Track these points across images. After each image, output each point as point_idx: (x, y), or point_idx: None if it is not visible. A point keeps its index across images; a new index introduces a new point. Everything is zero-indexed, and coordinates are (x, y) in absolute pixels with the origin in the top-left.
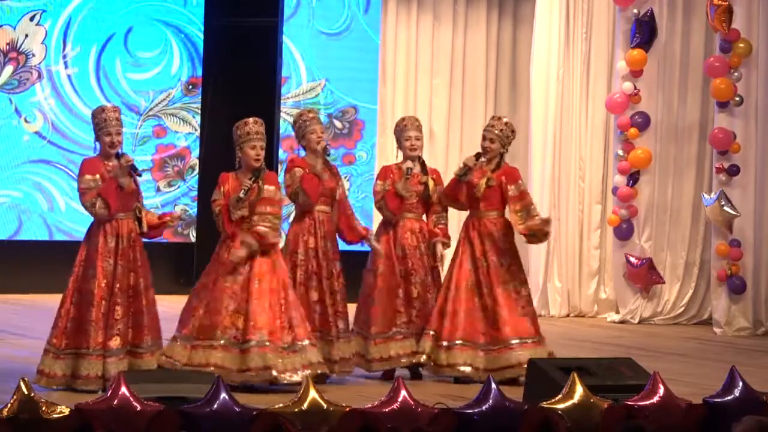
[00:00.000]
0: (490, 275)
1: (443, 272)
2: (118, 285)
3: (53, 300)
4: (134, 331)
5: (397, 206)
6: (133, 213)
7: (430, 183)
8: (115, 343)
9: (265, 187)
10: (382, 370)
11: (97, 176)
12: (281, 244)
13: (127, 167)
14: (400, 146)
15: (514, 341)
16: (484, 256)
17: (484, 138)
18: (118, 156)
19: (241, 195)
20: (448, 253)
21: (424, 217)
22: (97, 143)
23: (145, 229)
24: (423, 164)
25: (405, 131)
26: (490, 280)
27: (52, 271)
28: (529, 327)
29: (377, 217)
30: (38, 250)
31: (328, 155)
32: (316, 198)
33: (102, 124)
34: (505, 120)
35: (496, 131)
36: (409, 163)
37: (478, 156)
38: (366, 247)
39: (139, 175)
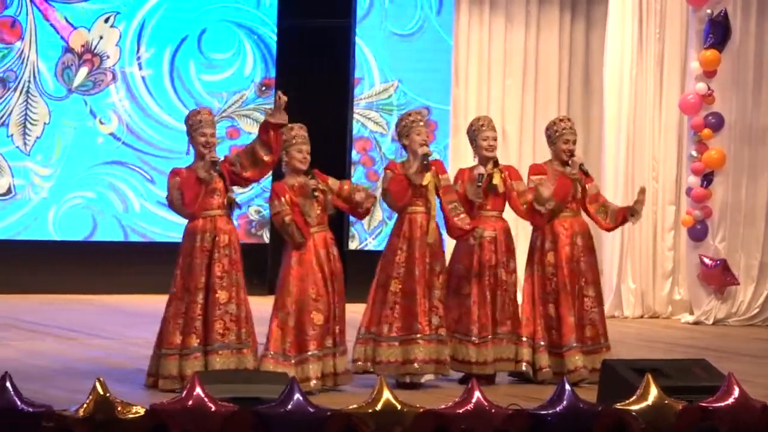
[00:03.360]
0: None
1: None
2: (194, 283)
3: (126, 301)
4: (206, 330)
5: (467, 210)
6: (225, 209)
7: (496, 176)
8: (191, 341)
9: (329, 182)
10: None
11: (177, 178)
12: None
13: (210, 162)
14: (475, 147)
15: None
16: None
17: (568, 141)
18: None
19: (317, 194)
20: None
21: (504, 215)
22: (191, 147)
23: (234, 214)
24: (496, 163)
25: (482, 132)
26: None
27: (126, 273)
28: None
29: None
30: (112, 251)
31: (426, 164)
32: (402, 200)
33: (197, 125)
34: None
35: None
36: (480, 169)
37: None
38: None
39: (218, 173)
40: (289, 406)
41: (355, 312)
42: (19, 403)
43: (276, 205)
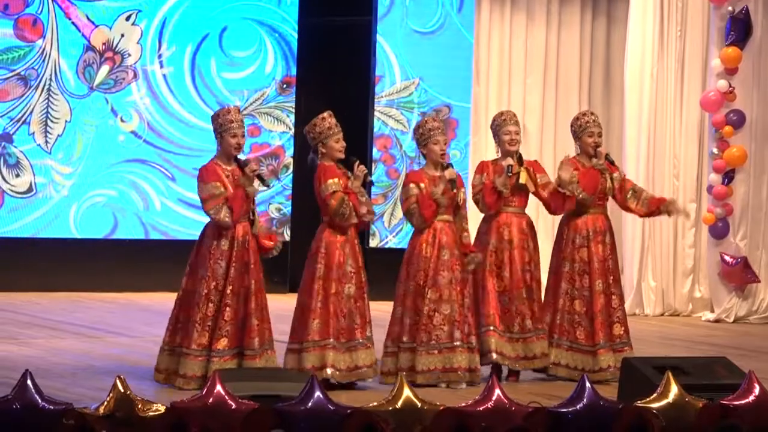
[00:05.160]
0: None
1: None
2: (230, 287)
3: (148, 299)
4: (243, 333)
5: (493, 201)
6: (247, 216)
7: (522, 174)
8: (221, 344)
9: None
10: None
11: (218, 183)
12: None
13: (253, 176)
14: (498, 141)
15: None
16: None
17: (593, 134)
18: (239, 162)
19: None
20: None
21: (526, 210)
22: (218, 144)
23: (255, 231)
24: (520, 158)
25: (504, 126)
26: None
27: (148, 270)
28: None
29: (474, 212)
30: (134, 249)
31: (449, 179)
32: (431, 221)
33: (228, 125)
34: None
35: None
36: (509, 160)
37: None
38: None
39: (267, 186)
40: (309, 404)
41: (377, 310)
42: (39, 400)
43: (332, 185)
